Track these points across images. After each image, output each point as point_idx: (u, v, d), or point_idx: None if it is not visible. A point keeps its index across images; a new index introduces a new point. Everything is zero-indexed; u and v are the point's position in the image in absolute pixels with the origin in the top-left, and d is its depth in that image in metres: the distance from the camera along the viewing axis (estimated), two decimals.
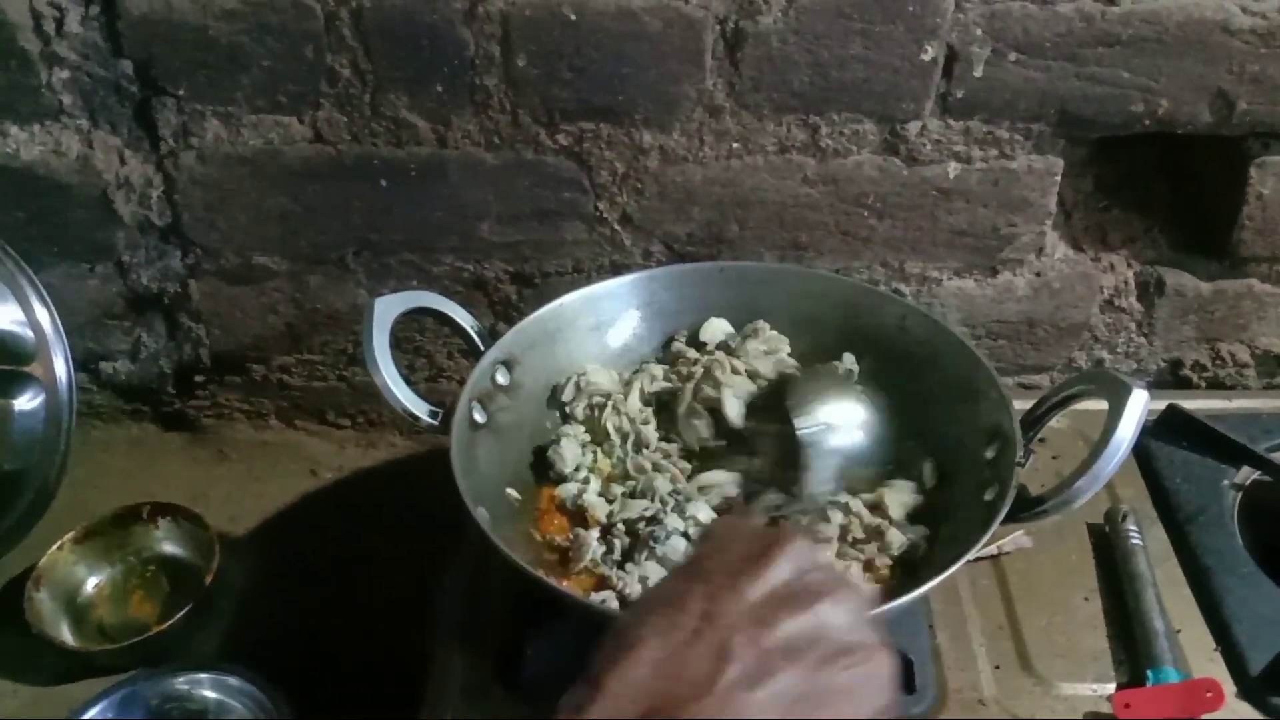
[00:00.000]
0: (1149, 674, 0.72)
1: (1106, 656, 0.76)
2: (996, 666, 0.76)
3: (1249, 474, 0.89)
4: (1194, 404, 0.95)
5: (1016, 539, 0.84)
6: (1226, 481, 0.89)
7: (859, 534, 0.78)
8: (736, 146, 0.90)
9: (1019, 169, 0.92)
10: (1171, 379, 1.05)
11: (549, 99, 0.88)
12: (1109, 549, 0.83)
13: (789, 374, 0.87)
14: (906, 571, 0.76)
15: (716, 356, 0.87)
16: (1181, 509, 0.86)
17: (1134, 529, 0.82)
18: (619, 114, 0.89)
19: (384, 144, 0.90)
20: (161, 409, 1.09)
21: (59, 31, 0.86)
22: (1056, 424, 0.91)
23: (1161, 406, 0.94)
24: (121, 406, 1.08)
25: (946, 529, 0.76)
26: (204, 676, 0.81)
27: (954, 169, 0.92)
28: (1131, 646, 0.76)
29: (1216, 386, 1.05)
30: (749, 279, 0.92)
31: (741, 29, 0.84)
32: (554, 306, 0.87)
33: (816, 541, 0.77)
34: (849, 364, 0.88)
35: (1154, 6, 0.83)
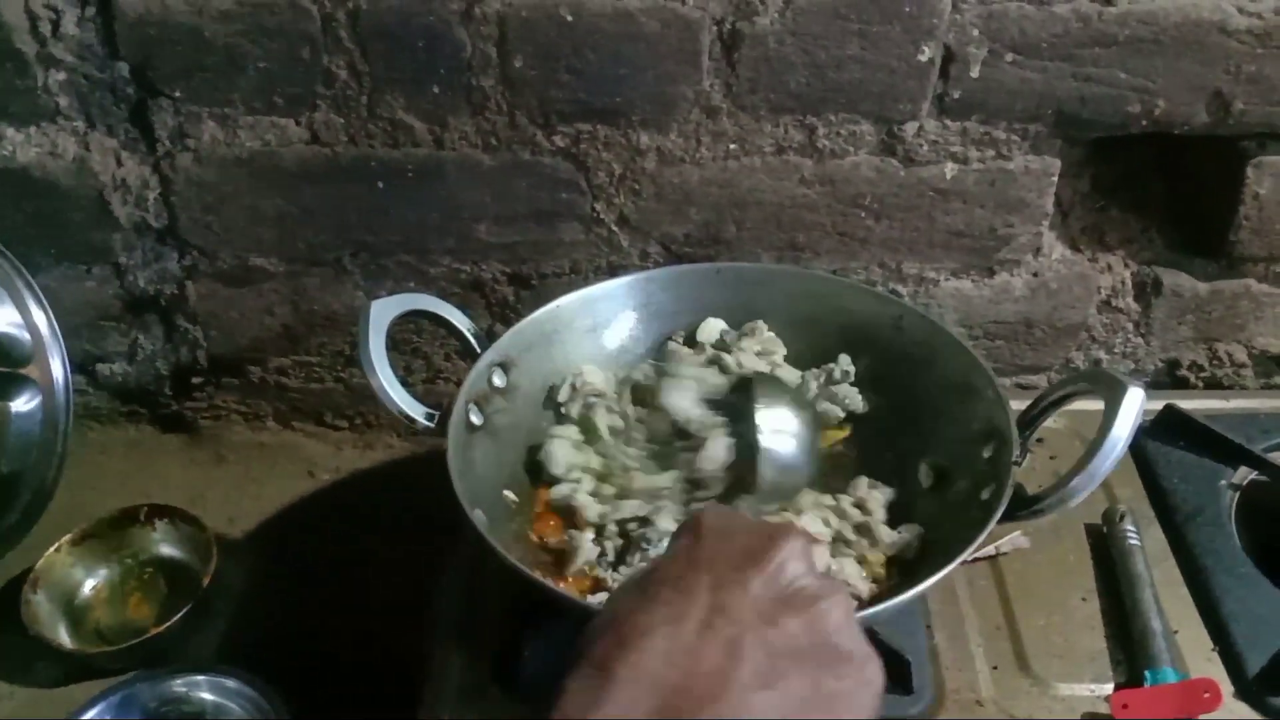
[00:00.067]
0: (1146, 674, 0.72)
1: (1104, 657, 0.76)
2: (994, 667, 0.76)
3: (1246, 474, 0.89)
4: (1191, 404, 0.95)
5: (1014, 539, 0.84)
6: (1224, 481, 0.89)
7: (849, 534, 0.78)
8: (734, 147, 0.90)
9: (1016, 169, 0.92)
10: (1169, 379, 1.05)
11: (546, 100, 0.88)
12: (1106, 549, 0.83)
13: (745, 375, 0.85)
14: (903, 571, 0.76)
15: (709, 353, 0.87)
16: (1179, 509, 0.86)
17: (1131, 529, 0.82)
18: (616, 115, 0.89)
19: (381, 145, 0.90)
20: (159, 411, 1.09)
21: (55, 33, 0.86)
22: (1054, 424, 0.91)
23: (1159, 407, 0.94)
24: (118, 408, 1.08)
25: (943, 529, 0.76)
26: (201, 678, 0.81)
27: (951, 169, 0.92)
28: (1129, 647, 0.76)
29: (1214, 386, 1.05)
30: (746, 280, 0.92)
31: (738, 30, 0.84)
32: (550, 308, 0.87)
33: (812, 540, 0.77)
34: (845, 365, 0.88)
35: (1151, 7, 0.83)
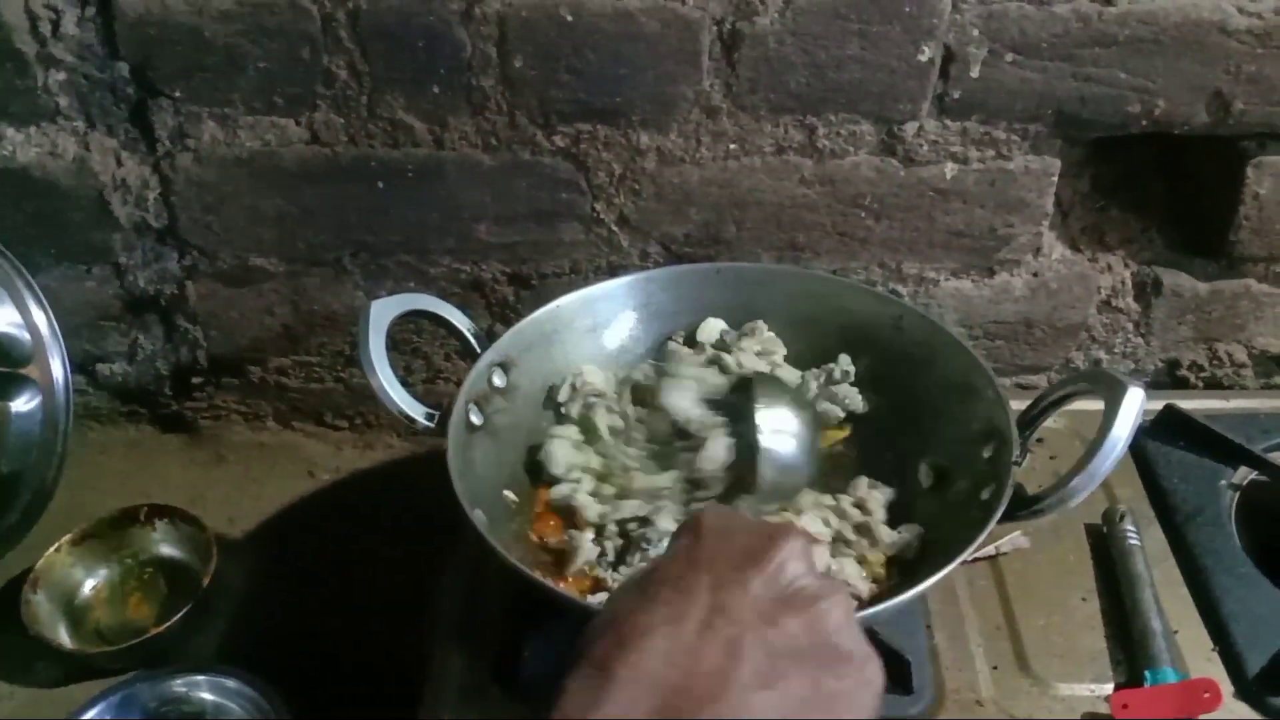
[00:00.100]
0: (1147, 674, 0.72)
1: (1104, 657, 0.76)
2: (994, 667, 0.76)
3: (1246, 474, 0.89)
4: (1191, 404, 0.95)
5: (1014, 539, 0.84)
6: (1224, 481, 0.89)
7: (849, 534, 0.78)
8: (734, 147, 0.90)
9: (1016, 169, 0.92)
10: (1169, 379, 1.05)
11: (546, 100, 0.88)
12: (1106, 549, 0.83)
13: (745, 376, 0.85)
14: (903, 571, 0.76)
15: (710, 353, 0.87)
16: (1179, 509, 0.86)
17: (1131, 529, 0.82)
18: (616, 115, 0.89)
19: (381, 145, 0.90)
20: (159, 411, 1.09)
21: (55, 33, 0.86)
22: (1054, 424, 0.92)
23: (1159, 407, 0.94)
24: (119, 408, 1.08)
25: (943, 528, 0.76)
26: (201, 678, 0.81)
27: (951, 169, 0.92)
28: (1129, 647, 0.76)
29: (1214, 386, 1.05)
30: (745, 280, 0.92)
31: (738, 30, 0.84)
32: (550, 308, 0.87)
33: (812, 540, 0.76)
34: (845, 365, 0.88)
35: (1151, 7, 0.83)
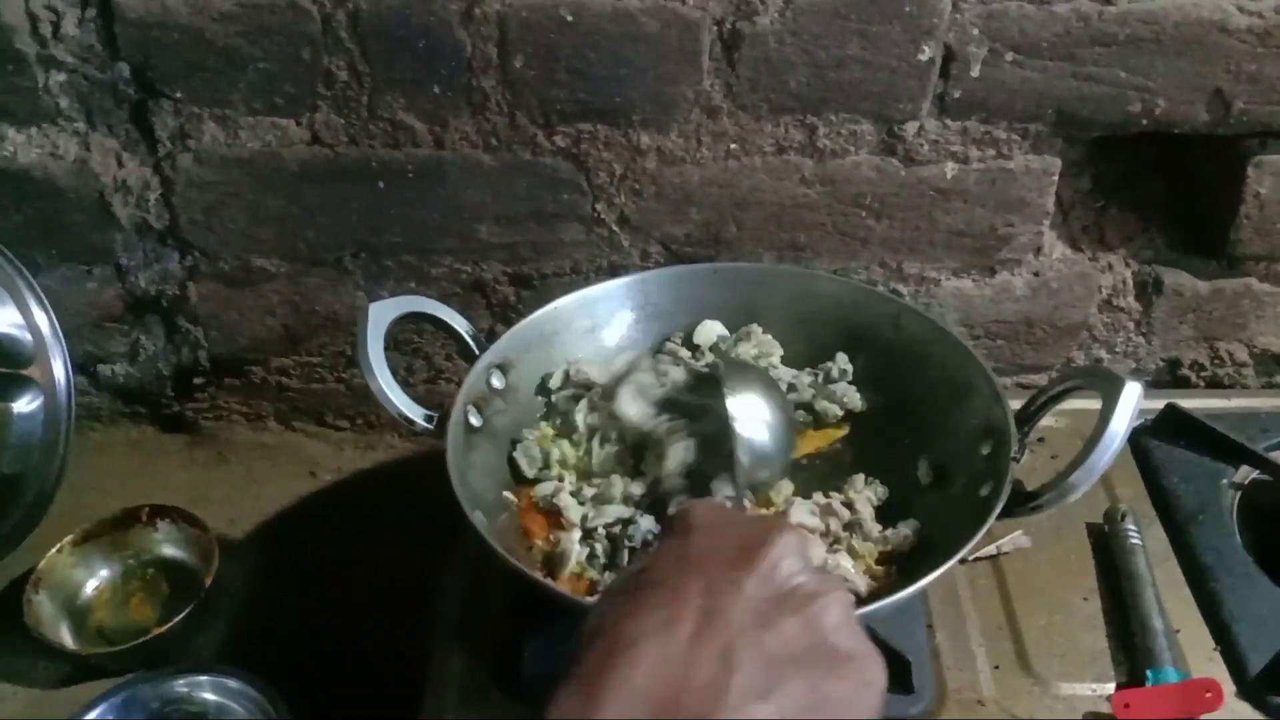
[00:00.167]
0: (1148, 674, 0.72)
1: (1105, 656, 0.76)
2: (996, 666, 0.76)
3: (1248, 473, 0.89)
4: (1192, 403, 0.95)
5: (1015, 539, 0.84)
6: (1225, 481, 0.88)
7: (840, 531, 0.78)
8: (734, 147, 0.90)
9: (1016, 169, 0.92)
10: (1170, 378, 1.05)
11: (546, 100, 0.88)
12: (1108, 549, 0.83)
13: (706, 370, 0.83)
14: (903, 569, 0.76)
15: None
16: (1180, 508, 0.86)
17: (1133, 528, 0.82)
18: (616, 115, 0.89)
19: (381, 146, 0.90)
20: (160, 411, 1.09)
21: (55, 34, 0.86)
22: (1055, 423, 0.92)
23: (1160, 406, 0.94)
24: (120, 409, 1.08)
25: (943, 526, 0.76)
26: (204, 678, 0.81)
27: (951, 169, 0.92)
28: (1130, 646, 0.76)
29: (1215, 386, 1.05)
30: (743, 280, 0.92)
31: (738, 30, 0.84)
32: (549, 309, 0.87)
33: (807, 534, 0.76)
34: (843, 363, 0.88)
35: (1151, 6, 0.83)
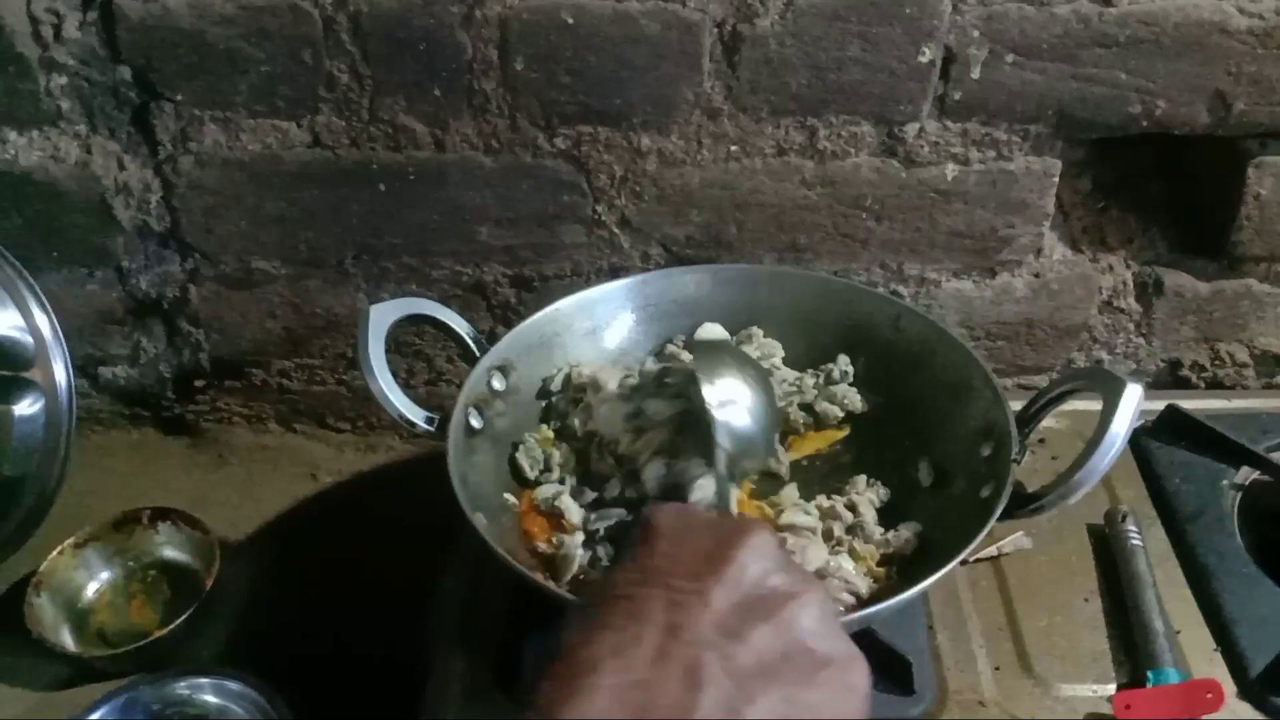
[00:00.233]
0: (1149, 675, 0.72)
1: (1106, 657, 0.76)
2: (996, 668, 0.76)
3: (1249, 474, 0.89)
4: (1193, 404, 0.95)
5: (1016, 540, 0.84)
6: (1226, 481, 0.88)
7: (841, 533, 0.77)
8: (734, 149, 0.91)
9: (1017, 170, 0.92)
10: (1170, 379, 1.05)
11: (547, 102, 0.88)
12: (1109, 550, 0.83)
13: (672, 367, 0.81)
14: (903, 571, 0.76)
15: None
16: (1181, 509, 0.86)
17: (1133, 529, 0.82)
18: (617, 117, 0.89)
19: (382, 148, 0.91)
20: (161, 413, 1.09)
21: (57, 37, 0.86)
22: (1056, 425, 0.92)
23: (1161, 407, 0.94)
24: (121, 411, 1.09)
25: (943, 527, 0.76)
26: (205, 681, 0.81)
27: (952, 170, 0.92)
28: (1132, 647, 0.76)
29: (1215, 386, 1.05)
30: (743, 281, 0.92)
31: (739, 32, 0.84)
32: (549, 311, 0.87)
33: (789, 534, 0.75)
34: (844, 365, 0.88)
35: (1151, 8, 0.83)
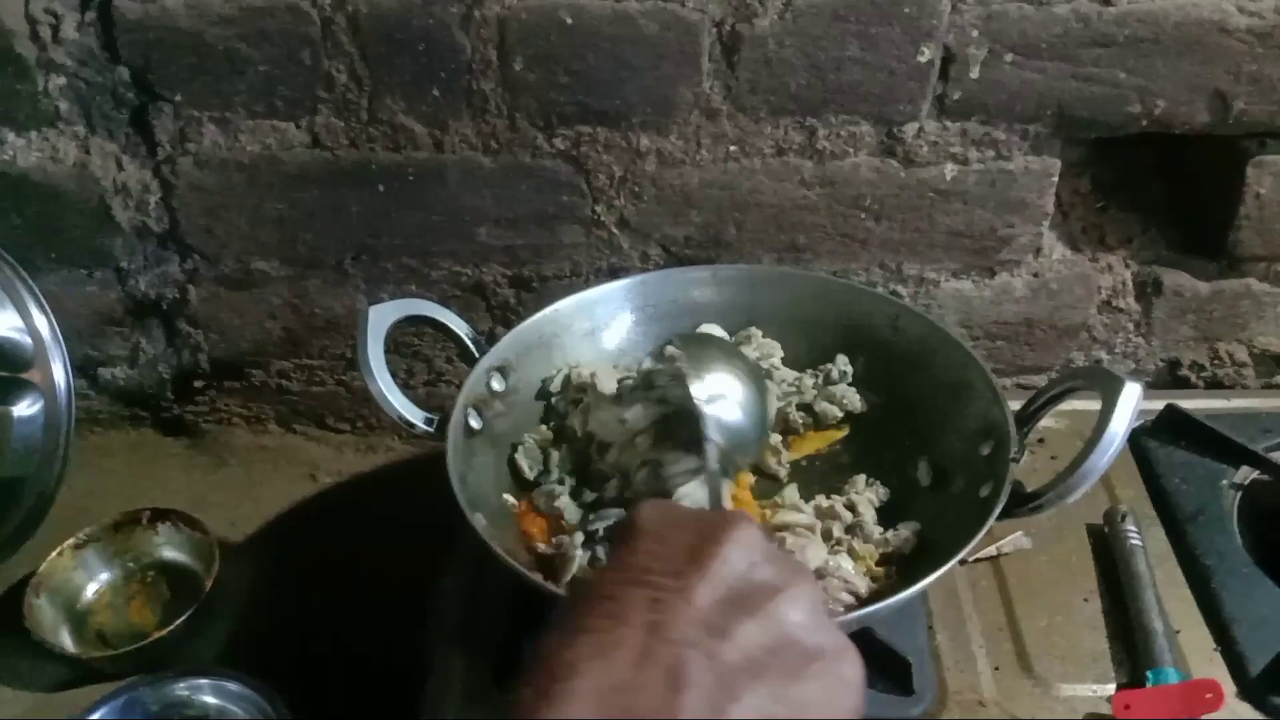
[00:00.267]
0: (1149, 675, 0.72)
1: (1106, 657, 0.76)
2: (996, 668, 0.76)
3: (1248, 473, 0.89)
4: (1192, 404, 0.94)
5: (1016, 540, 0.84)
6: (1225, 481, 0.88)
7: (840, 533, 0.77)
8: (734, 149, 0.90)
9: (1016, 170, 0.92)
10: (1170, 379, 1.05)
11: (546, 103, 0.88)
12: (1108, 550, 0.83)
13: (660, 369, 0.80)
14: (903, 570, 0.76)
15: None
16: (1180, 509, 0.86)
17: (1133, 529, 0.82)
18: (616, 117, 0.89)
19: (381, 149, 0.90)
20: (160, 414, 1.09)
21: (55, 38, 0.86)
22: (1055, 425, 0.92)
23: (1160, 406, 0.94)
24: (120, 412, 1.09)
25: (943, 527, 0.76)
26: (204, 682, 0.81)
27: (951, 170, 0.92)
28: (1131, 647, 0.76)
29: (1215, 386, 1.05)
30: (742, 281, 0.92)
31: (738, 32, 0.84)
32: (548, 312, 0.87)
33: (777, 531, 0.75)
34: (843, 365, 0.88)
35: (1150, 7, 0.83)
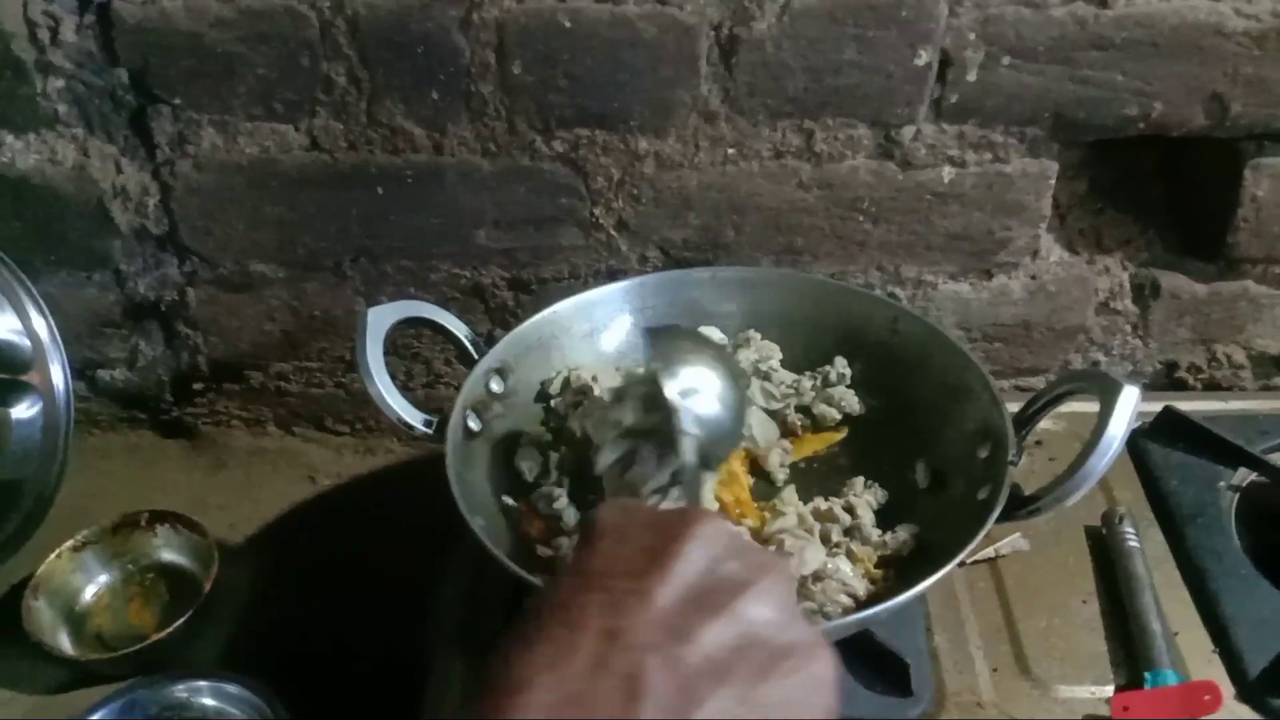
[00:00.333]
0: (1147, 676, 0.72)
1: (1104, 659, 0.76)
2: (994, 669, 0.76)
3: (1246, 475, 0.89)
4: (1190, 406, 0.95)
5: (1014, 541, 0.84)
6: (1223, 483, 0.88)
7: (839, 535, 0.77)
8: (732, 152, 0.91)
9: (1013, 172, 0.92)
10: (1167, 381, 1.05)
11: (545, 106, 0.88)
12: (1106, 551, 0.83)
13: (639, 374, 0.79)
14: (901, 573, 0.76)
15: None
16: (1178, 511, 0.86)
17: (1131, 531, 0.82)
18: (614, 120, 0.89)
19: (380, 151, 0.91)
20: (159, 416, 1.09)
21: (54, 40, 0.86)
22: (1053, 427, 0.92)
23: (1158, 408, 0.94)
24: (119, 414, 1.09)
25: (941, 529, 0.76)
26: (203, 684, 0.81)
27: (948, 173, 0.92)
28: (1129, 649, 0.76)
29: (1212, 388, 1.05)
30: (741, 284, 0.92)
31: (736, 35, 0.84)
32: (547, 314, 0.87)
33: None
34: (841, 367, 0.88)
35: (1147, 9, 0.83)
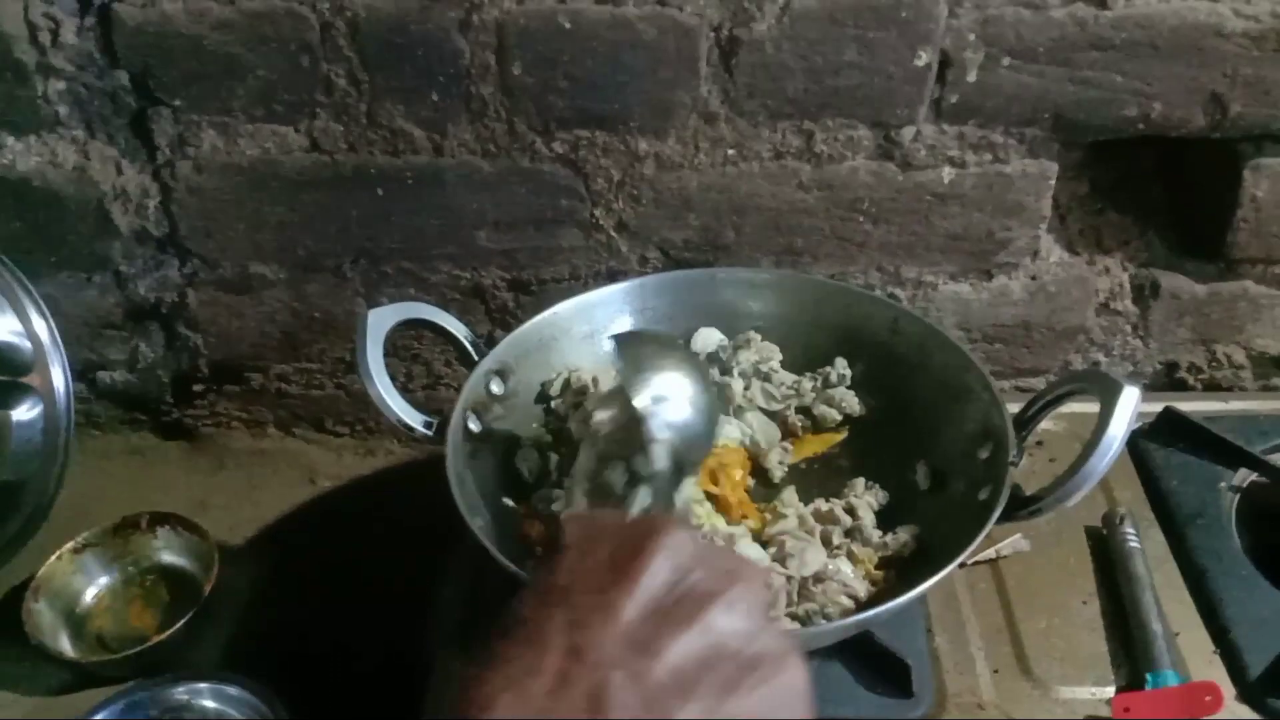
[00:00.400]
0: (1148, 677, 0.73)
1: (1105, 660, 0.76)
2: (995, 670, 0.76)
3: (1246, 476, 0.89)
4: (1190, 406, 0.95)
5: (1014, 542, 0.84)
6: (1224, 484, 0.89)
7: (840, 536, 0.77)
8: (732, 153, 0.91)
9: (1013, 173, 0.92)
10: (1167, 381, 1.05)
11: (545, 107, 0.88)
12: (1107, 552, 0.83)
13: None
14: (902, 573, 0.76)
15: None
16: (1179, 511, 0.86)
17: (1131, 532, 0.82)
18: (615, 121, 0.89)
19: (380, 153, 0.91)
20: (160, 418, 1.09)
21: (54, 42, 0.86)
22: (1054, 427, 0.92)
23: (1158, 409, 0.94)
24: (120, 416, 1.08)
25: (942, 530, 0.76)
26: (204, 686, 0.81)
27: (948, 174, 0.92)
28: (1130, 649, 0.76)
29: (1212, 388, 1.05)
30: (740, 285, 0.92)
31: (736, 36, 0.84)
32: (547, 315, 0.87)
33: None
34: (841, 368, 0.89)
35: (1147, 10, 0.83)
